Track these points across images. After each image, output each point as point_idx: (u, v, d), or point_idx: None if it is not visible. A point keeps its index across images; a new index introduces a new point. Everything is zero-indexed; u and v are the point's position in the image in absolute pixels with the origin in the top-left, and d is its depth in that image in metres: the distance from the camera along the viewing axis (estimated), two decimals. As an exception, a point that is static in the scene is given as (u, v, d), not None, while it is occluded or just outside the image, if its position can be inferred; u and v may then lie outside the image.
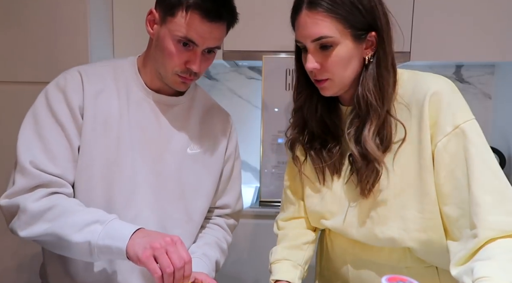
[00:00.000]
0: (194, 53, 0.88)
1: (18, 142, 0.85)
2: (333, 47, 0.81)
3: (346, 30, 0.80)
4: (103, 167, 0.89)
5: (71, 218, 0.79)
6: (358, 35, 0.81)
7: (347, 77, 0.84)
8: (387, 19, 0.84)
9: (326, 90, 0.87)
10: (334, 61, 0.82)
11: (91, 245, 0.76)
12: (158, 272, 0.72)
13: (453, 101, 0.79)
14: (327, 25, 0.79)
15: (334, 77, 0.84)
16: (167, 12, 0.86)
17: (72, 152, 0.87)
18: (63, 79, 0.90)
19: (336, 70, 0.83)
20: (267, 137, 1.72)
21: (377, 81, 0.82)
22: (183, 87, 0.94)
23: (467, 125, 0.76)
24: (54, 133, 0.86)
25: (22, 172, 0.83)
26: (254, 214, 1.66)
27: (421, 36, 1.63)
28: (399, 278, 0.58)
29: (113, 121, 0.90)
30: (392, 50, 0.85)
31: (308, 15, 0.81)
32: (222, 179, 1.06)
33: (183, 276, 0.75)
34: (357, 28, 0.81)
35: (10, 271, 1.57)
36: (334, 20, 0.79)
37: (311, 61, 0.83)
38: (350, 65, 0.83)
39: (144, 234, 0.77)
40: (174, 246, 0.74)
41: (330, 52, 0.81)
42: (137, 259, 0.74)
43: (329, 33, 0.80)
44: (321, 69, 0.84)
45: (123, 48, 1.69)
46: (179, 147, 0.97)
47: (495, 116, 1.97)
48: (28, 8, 1.49)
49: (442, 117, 0.78)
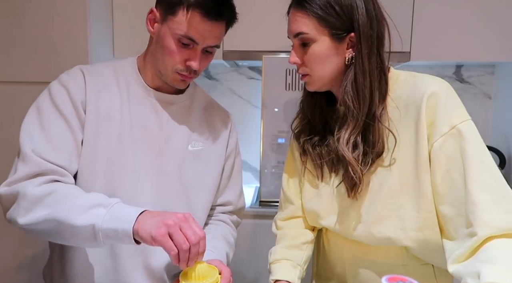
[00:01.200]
0: (194, 52, 0.89)
1: (21, 134, 0.85)
2: (310, 43, 0.85)
3: (323, 29, 0.83)
4: (105, 164, 0.89)
5: (72, 202, 0.77)
6: (337, 35, 0.84)
7: (325, 74, 0.87)
8: (372, 21, 0.83)
9: (308, 85, 0.91)
10: (311, 57, 0.86)
11: (95, 228, 0.74)
12: (175, 249, 0.71)
13: (449, 102, 0.79)
14: (305, 23, 0.84)
15: (312, 73, 0.88)
16: (168, 10, 0.88)
17: (75, 144, 0.87)
18: (66, 76, 0.91)
19: (313, 66, 0.87)
20: (267, 137, 1.72)
21: (354, 83, 0.84)
22: (182, 85, 0.96)
23: (463, 126, 0.77)
24: (57, 125, 0.86)
25: (24, 159, 0.82)
26: (254, 214, 1.66)
27: (421, 36, 1.63)
28: (399, 278, 0.58)
29: (114, 119, 0.91)
30: (380, 52, 0.84)
31: (293, 13, 0.87)
32: (223, 175, 1.06)
33: (198, 252, 0.74)
34: (334, 28, 0.83)
35: (10, 271, 1.57)
36: (312, 18, 0.83)
37: (293, 56, 0.89)
38: (328, 63, 0.86)
39: (153, 215, 0.75)
40: (187, 222, 0.73)
41: (308, 48, 0.86)
42: (151, 238, 0.72)
43: (305, 30, 0.84)
44: (302, 64, 0.88)
45: (123, 48, 1.69)
46: (180, 144, 0.98)
47: (495, 116, 1.97)
48: (28, 8, 1.49)
49: (439, 117, 0.78)
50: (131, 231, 0.73)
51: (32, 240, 1.54)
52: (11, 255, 1.56)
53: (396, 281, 0.57)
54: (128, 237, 0.74)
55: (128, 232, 0.73)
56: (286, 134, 1.70)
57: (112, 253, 0.91)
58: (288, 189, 1.05)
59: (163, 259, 0.94)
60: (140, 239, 0.74)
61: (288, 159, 1.06)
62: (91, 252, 0.91)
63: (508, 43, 1.62)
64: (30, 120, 0.87)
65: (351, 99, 0.83)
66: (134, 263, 0.92)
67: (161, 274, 0.95)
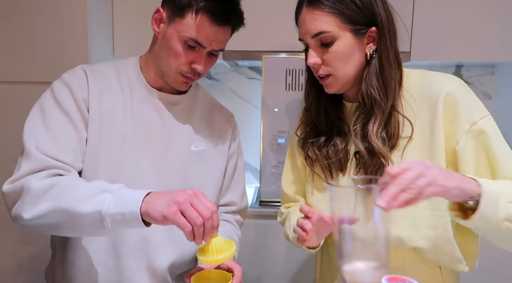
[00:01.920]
0: (200, 54, 0.89)
1: (24, 132, 0.85)
2: (332, 42, 0.82)
3: (344, 25, 0.81)
4: (108, 163, 0.89)
5: (76, 191, 0.76)
6: (358, 30, 0.82)
7: (349, 72, 0.85)
8: (389, 15, 0.84)
9: (330, 87, 0.88)
10: (334, 56, 0.83)
11: (102, 214, 0.73)
12: (189, 225, 0.70)
13: (468, 100, 0.82)
14: (325, 21, 0.81)
15: (336, 72, 0.85)
16: (176, 12, 0.87)
17: (79, 142, 0.87)
18: (68, 75, 0.91)
19: (338, 65, 0.84)
20: (267, 137, 1.72)
21: (380, 76, 0.83)
22: (184, 86, 0.96)
23: (484, 122, 0.80)
24: (61, 123, 0.86)
25: (28, 156, 0.81)
26: (254, 214, 1.66)
27: (421, 36, 1.63)
28: (399, 278, 0.58)
29: (117, 119, 0.91)
30: (395, 46, 0.85)
31: (307, 12, 0.83)
32: (226, 176, 1.06)
33: (212, 226, 0.72)
34: (356, 23, 0.82)
35: (10, 271, 1.56)
36: (332, 16, 0.81)
37: (312, 57, 0.85)
38: (352, 60, 0.84)
39: (161, 194, 0.74)
40: (197, 198, 0.72)
41: (330, 47, 0.83)
42: (163, 218, 0.70)
43: (327, 28, 0.81)
44: (323, 64, 0.85)
45: (123, 48, 1.69)
46: (183, 144, 0.98)
47: (495, 116, 1.94)
48: (28, 8, 1.49)
49: (459, 116, 0.80)
50: (139, 212, 0.72)
51: (32, 240, 1.53)
52: (11, 255, 1.56)
53: (396, 281, 0.57)
54: (136, 219, 0.72)
55: (136, 213, 0.72)
56: (286, 134, 1.70)
57: (114, 254, 0.91)
58: (290, 192, 1.04)
59: (167, 260, 0.94)
60: (151, 219, 0.72)
61: (286, 164, 1.06)
62: (93, 252, 0.91)
63: (508, 43, 1.62)
64: (33, 120, 0.86)
65: (377, 92, 0.83)
66: (137, 264, 0.91)
67: (164, 274, 0.94)
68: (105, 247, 0.90)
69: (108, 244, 0.90)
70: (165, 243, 0.94)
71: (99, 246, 0.90)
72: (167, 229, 0.92)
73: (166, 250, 0.94)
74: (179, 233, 0.73)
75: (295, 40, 1.69)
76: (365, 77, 0.84)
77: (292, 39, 1.71)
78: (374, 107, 0.83)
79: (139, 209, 0.72)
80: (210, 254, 0.74)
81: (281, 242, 1.66)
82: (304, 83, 0.98)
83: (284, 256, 1.66)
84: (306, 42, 0.87)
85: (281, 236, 1.67)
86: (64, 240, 0.92)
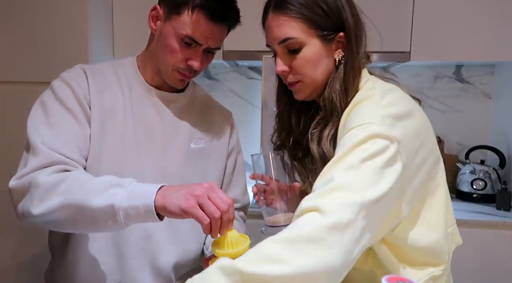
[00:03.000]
0: (196, 52, 0.90)
1: (28, 129, 0.84)
2: (300, 48, 0.80)
3: (312, 31, 0.79)
4: (110, 161, 0.89)
5: (86, 185, 0.75)
6: (326, 36, 0.80)
7: (318, 79, 0.83)
8: (357, 19, 0.82)
9: (298, 93, 0.86)
10: (302, 62, 0.81)
11: (114, 207, 0.71)
12: (207, 218, 0.70)
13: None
14: (292, 26, 0.79)
15: (304, 79, 0.83)
16: (173, 10, 0.88)
17: (84, 138, 0.87)
18: (68, 73, 0.91)
19: (306, 71, 0.82)
20: (267, 138, 1.71)
21: (343, 82, 0.80)
22: (181, 84, 0.96)
23: None
24: (64, 120, 0.85)
25: (35, 151, 0.81)
26: (254, 214, 1.65)
27: (421, 36, 1.63)
28: (399, 278, 0.58)
29: (117, 117, 0.91)
30: (360, 51, 0.82)
31: (273, 18, 0.82)
32: (226, 173, 1.07)
33: (228, 219, 0.73)
34: (323, 29, 0.80)
35: (10, 271, 1.57)
36: (299, 21, 0.79)
37: (280, 64, 0.83)
38: (320, 66, 0.82)
39: (177, 188, 0.73)
40: (214, 191, 0.72)
41: (298, 54, 0.80)
42: (182, 211, 0.70)
43: (293, 34, 0.79)
44: (291, 71, 0.83)
45: (123, 48, 1.69)
46: (183, 142, 0.98)
47: (495, 116, 1.97)
48: (28, 8, 1.49)
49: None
50: (153, 205, 0.71)
51: (32, 240, 1.53)
52: (11, 255, 1.56)
53: (396, 281, 0.57)
54: (151, 212, 0.71)
55: (150, 206, 0.71)
56: (286, 134, 1.70)
57: (117, 253, 0.90)
58: None
59: (170, 258, 0.94)
60: (168, 213, 0.72)
61: None
62: (95, 252, 0.90)
63: (508, 43, 1.62)
64: (36, 118, 0.86)
65: (338, 98, 0.80)
66: (140, 263, 0.91)
67: (168, 273, 0.94)
68: (107, 246, 0.90)
69: (110, 243, 0.90)
70: (168, 241, 0.94)
71: (101, 245, 0.90)
72: (169, 227, 0.92)
73: (169, 248, 0.94)
74: (182, 230, 0.73)
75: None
76: (330, 82, 0.82)
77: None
78: (333, 113, 0.81)
79: (153, 202, 0.71)
80: (226, 247, 0.74)
81: (281, 242, 1.66)
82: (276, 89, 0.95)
83: (284, 256, 1.66)
84: (273, 49, 0.85)
85: (281, 236, 1.67)
86: (64, 241, 0.91)
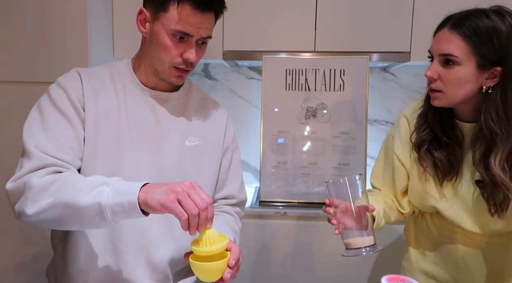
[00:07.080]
0: (189, 44, 0.92)
1: (24, 134, 0.87)
2: (454, 65, 0.89)
3: (473, 57, 0.88)
4: (104, 163, 0.91)
5: (76, 185, 0.79)
6: (483, 65, 0.88)
7: (458, 97, 0.92)
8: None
9: (436, 100, 0.95)
10: (451, 77, 0.90)
11: (101, 205, 0.76)
12: (185, 214, 0.73)
13: None
14: (459, 46, 0.88)
15: (446, 92, 0.92)
16: (159, 8, 0.90)
17: (77, 141, 0.89)
18: (63, 78, 0.94)
19: (450, 87, 0.91)
20: (267, 137, 1.72)
21: (503, 111, 0.88)
22: (180, 80, 0.98)
23: None
24: (59, 125, 0.88)
25: (29, 156, 0.84)
26: (254, 214, 1.66)
27: (421, 36, 1.63)
28: (399, 278, 0.58)
29: (112, 118, 0.93)
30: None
31: (446, 33, 0.91)
32: (222, 169, 1.08)
33: (207, 218, 0.76)
34: (485, 59, 0.87)
35: (10, 271, 1.57)
36: (466, 44, 0.88)
37: (432, 70, 0.93)
38: (464, 87, 0.90)
39: (159, 185, 0.77)
40: (194, 189, 0.76)
41: (451, 69, 0.90)
42: (161, 205, 0.74)
43: (456, 53, 0.88)
44: (437, 80, 0.93)
45: (123, 48, 1.70)
46: (178, 140, 1.00)
47: (495, 116, 1.96)
48: (28, 8, 1.49)
49: None
50: (137, 201, 0.75)
51: (32, 240, 1.54)
52: (11, 255, 1.56)
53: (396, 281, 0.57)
54: (135, 208, 0.75)
55: (134, 203, 0.75)
56: (286, 134, 1.70)
57: (113, 249, 0.92)
58: (375, 182, 1.13)
59: (166, 253, 0.96)
60: (149, 208, 0.75)
61: (381, 159, 1.14)
62: (92, 248, 0.92)
63: (508, 43, 1.62)
64: (32, 122, 0.89)
65: (498, 125, 0.88)
66: (136, 258, 0.93)
67: (164, 268, 0.96)
68: (103, 242, 0.92)
69: (106, 239, 0.92)
70: (164, 236, 0.96)
71: (98, 241, 0.92)
72: (165, 222, 0.95)
73: (164, 243, 0.96)
74: (177, 226, 0.76)
75: (295, 40, 1.70)
76: (484, 110, 0.90)
77: (292, 39, 1.72)
78: (496, 140, 0.89)
79: (136, 199, 0.75)
80: (203, 245, 0.78)
81: (281, 242, 1.66)
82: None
83: (284, 256, 1.67)
84: (432, 55, 0.94)
85: (281, 236, 1.67)
86: (64, 238, 0.94)
